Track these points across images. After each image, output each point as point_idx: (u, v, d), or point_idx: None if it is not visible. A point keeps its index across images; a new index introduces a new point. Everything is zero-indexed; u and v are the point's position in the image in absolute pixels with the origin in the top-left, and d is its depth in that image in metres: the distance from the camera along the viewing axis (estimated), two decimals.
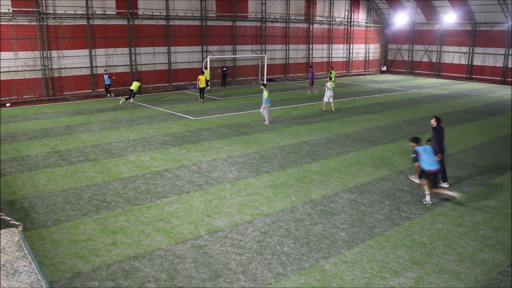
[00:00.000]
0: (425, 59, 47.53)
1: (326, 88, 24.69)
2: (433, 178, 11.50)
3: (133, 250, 8.97)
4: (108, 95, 30.03)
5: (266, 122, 21.43)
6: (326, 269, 8.32)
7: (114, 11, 30.72)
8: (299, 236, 9.65)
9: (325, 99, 24.66)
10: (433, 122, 12.88)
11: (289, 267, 8.38)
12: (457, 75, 44.82)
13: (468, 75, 43.96)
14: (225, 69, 35.36)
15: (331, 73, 33.47)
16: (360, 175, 13.91)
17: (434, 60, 46.74)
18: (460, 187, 12.93)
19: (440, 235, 9.84)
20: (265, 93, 20.77)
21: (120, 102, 27.01)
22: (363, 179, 13.54)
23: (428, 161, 11.38)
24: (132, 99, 27.38)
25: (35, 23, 27.40)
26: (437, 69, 46.42)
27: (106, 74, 29.42)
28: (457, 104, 28.87)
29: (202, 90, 28.06)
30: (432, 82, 42.22)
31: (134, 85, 27.33)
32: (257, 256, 8.77)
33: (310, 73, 32.63)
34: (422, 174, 11.84)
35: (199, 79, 28.00)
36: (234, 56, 37.83)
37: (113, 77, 29.81)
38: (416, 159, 11.72)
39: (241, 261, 8.57)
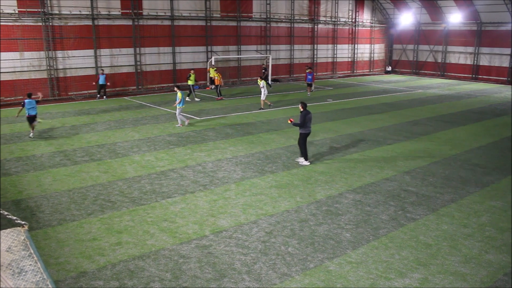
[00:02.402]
0: (430, 59, 47.40)
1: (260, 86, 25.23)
2: None
3: (138, 249, 8.98)
4: (98, 95, 29.12)
5: (184, 123, 20.93)
6: (330, 270, 8.30)
7: (119, 11, 30.82)
8: (304, 237, 9.63)
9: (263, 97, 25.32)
10: (300, 107, 14.98)
11: (294, 267, 8.37)
12: (463, 75, 44.67)
13: (473, 76, 43.81)
14: (264, 69, 35.76)
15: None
16: (365, 175, 13.88)
17: (439, 60, 46.61)
18: (465, 187, 12.88)
19: (446, 236, 9.80)
20: (179, 95, 20.10)
21: (197, 100, 28.46)
22: (368, 179, 13.51)
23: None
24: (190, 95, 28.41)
25: (41, 24, 27.53)
26: (442, 70, 46.29)
27: (102, 74, 28.72)
28: (463, 104, 28.77)
29: (216, 87, 29.23)
30: (437, 82, 42.09)
31: (192, 79, 28.35)
32: (262, 256, 8.76)
33: (309, 74, 31.65)
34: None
35: (213, 77, 28.56)
36: (239, 56, 37.85)
37: (108, 83, 29.21)
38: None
39: (246, 261, 8.56)
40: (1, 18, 26.09)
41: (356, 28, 47.61)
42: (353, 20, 47.02)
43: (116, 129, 20.07)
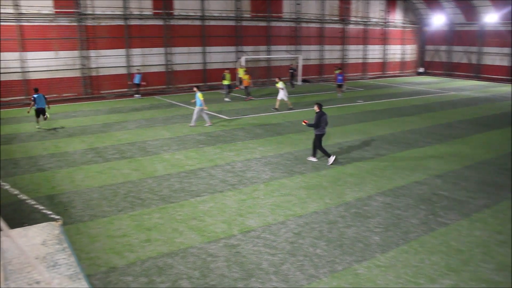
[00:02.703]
0: (464, 61, 46.33)
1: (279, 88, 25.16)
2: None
3: (166, 247, 9.07)
4: (136, 95, 29.76)
5: (208, 123, 20.91)
6: (359, 273, 8.20)
7: (151, 11, 31.26)
8: (332, 239, 9.54)
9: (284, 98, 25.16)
10: (315, 108, 15.15)
11: (322, 269, 8.30)
12: (499, 77, 43.46)
13: (510, 77, 42.52)
14: (292, 70, 35.51)
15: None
16: (395, 178, 13.66)
17: (473, 61, 45.49)
18: (500, 193, 12.52)
19: (478, 242, 9.54)
20: (200, 95, 20.15)
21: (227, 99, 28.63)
22: (398, 182, 13.29)
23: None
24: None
25: (75, 24, 28.16)
26: (476, 71, 45.15)
27: (139, 73, 29.33)
28: (497, 107, 28.01)
29: (246, 88, 29.09)
30: (471, 84, 41.13)
31: (227, 79, 28.79)
32: (290, 257, 8.72)
33: (339, 75, 31.23)
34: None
35: (242, 78, 28.68)
36: (269, 56, 37.85)
37: (144, 82, 29.82)
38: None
39: (274, 261, 8.54)
40: (39, 18, 26.80)
41: (387, 28, 46.95)
42: (384, 21, 46.40)
43: (147, 127, 20.35)
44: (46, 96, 19.83)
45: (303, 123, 15.08)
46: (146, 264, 8.39)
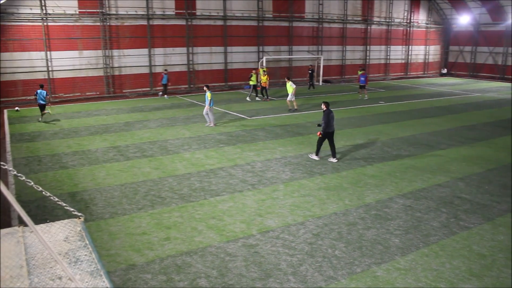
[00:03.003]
0: (490, 62, 45.46)
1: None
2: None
3: (185, 246, 9.14)
4: (162, 94, 29.87)
5: (211, 124, 20.74)
6: (378, 275, 8.13)
7: (173, 11, 31.51)
8: (351, 240, 9.49)
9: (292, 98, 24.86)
10: (323, 106, 15.52)
11: (340, 271, 8.26)
12: None
13: None
14: (311, 70, 35.01)
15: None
16: (416, 180, 13.50)
17: (499, 62, 44.61)
18: None
19: (502, 247, 9.36)
20: (208, 95, 20.02)
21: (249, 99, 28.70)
22: (419, 184, 13.13)
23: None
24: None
25: (99, 24, 28.57)
26: (502, 72, 44.25)
27: (166, 73, 29.59)
28: None
29: (263, 88, 28.91)
30: (496, 86, 40.36)
31: (254, 80, 28.74)
32: (308, 258, 8.70)
33: (362, 76, 30.55)
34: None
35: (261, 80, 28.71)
36: (290, 56, 37.79)
37: (169, 83, 30.09)
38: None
39: (292, 262, 8.53)
40: (64, 18, 27.28)
41: (411, 28, 46.40)
42: (408, 21, 45.86)
43: (168, 126, 20.53)
44: (47, 94, 21.41)
45: (318, 135, 15.35)
46: (165, 262, 8.47)
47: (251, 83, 29.03)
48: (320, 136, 15.19)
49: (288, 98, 25.06)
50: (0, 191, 3.09)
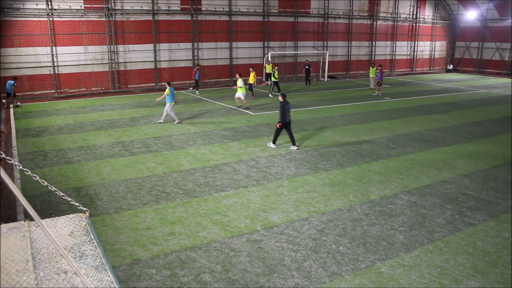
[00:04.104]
0: (496, 58, 45.16)
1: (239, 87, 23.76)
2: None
3: (190, 241, 9.17)
4: (194, 88, 30.00)
5: (161, 121, 20.57)
6: (382, 272, 8.13)
7: (179, 7, 31.49)
8: (356, 236, 9.49)
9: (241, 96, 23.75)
10: (280, 98, 16.21)
11: (344, 267, 8.27)
12: None
13: None
14: (307, 66, 34.56)
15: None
16: (421, 177, 13.47)
17: (506, 58, 44.30)
18: None
19: (507, 244, 9.33)
20: (167, 91, 19.78)
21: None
22: (424, 181, 13.10)
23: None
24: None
25: (104, 19, 28.59)
26: (509, 68, 43.95)
27: (198, 68, 29.68)
28: None
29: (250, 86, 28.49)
30: (503, 82, 40.12)
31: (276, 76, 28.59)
32: (312, 254, 8.71)
33: (379, 73, 30.35)
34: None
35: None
36: (295, 52, 37.71)
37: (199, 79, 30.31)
38: None
39: (296, 258, 8.54)
40: (69, 13, 27.33)
41: (417, 24, 46.15)
42: (414, 16, 45.61)
43: (173, 122, 20.55)
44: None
45: (278, 126, 16.14)
46: (169, 257, 8.51)
47: (273, 79, 28.82)
48: (279, 126, 16.01)
49: (237, 95, 24.04)
50: (7, 185, 3.11)
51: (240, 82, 23.61)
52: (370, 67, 33.46)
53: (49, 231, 3.31)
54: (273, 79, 28.89)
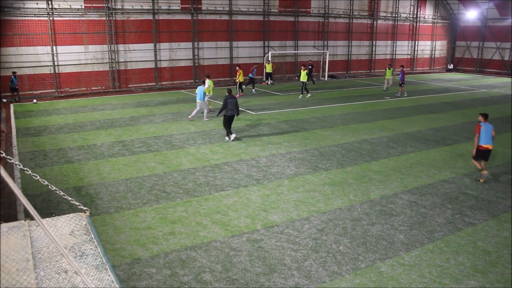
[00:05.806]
0: (497, 57, 45.13)
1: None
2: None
3: (190, 240, 9.17)
4: (247, 85, 30.39)
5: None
6: (382, 271, 8.13)
7: (179, 6, 31.48)
8: (356, 236, 9.49)
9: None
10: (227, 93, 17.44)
11: (345, 266, 8.27)
12: None
13: None
14: (311, 66, 34.40)
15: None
16: (421, 176, 13.47)
17: (506, 58, 44.27)
18: None
19: (507, 243, 9.33)
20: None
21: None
22: (424, 180, 13.10)
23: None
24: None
25: (104, 18, 28.58)
26: (509, 68, 43.92)
27: (255, 67, 30.54)
28: None
29: (240, 84, 28.36)
30: (503, 81, 40.10)
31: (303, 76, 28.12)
32: (313, 253, 8.71)
33: (400, 73, 29.79)
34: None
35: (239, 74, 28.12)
36: (296, 52, 37.70)
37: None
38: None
39: (296, 257, 8.55)
40: (70, 13, 27.32)
41: (417, 24, 46.12)
42: (414, 16, 45.58)
43: (173, 121, 20.56)
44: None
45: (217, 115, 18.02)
46: (169, 256, 8.51)
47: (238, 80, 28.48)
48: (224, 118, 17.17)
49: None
50: (7, 184, 3.11)
51: (207, 83, 21.96)
52: (387, 69, 32.13)
53: (50, 230, 3.31)
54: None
